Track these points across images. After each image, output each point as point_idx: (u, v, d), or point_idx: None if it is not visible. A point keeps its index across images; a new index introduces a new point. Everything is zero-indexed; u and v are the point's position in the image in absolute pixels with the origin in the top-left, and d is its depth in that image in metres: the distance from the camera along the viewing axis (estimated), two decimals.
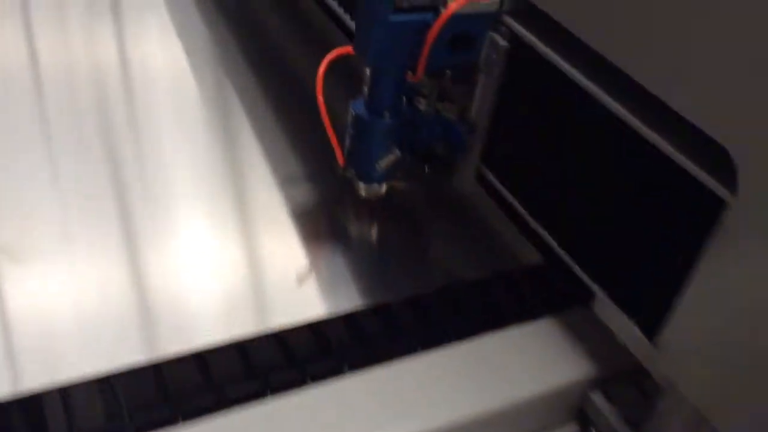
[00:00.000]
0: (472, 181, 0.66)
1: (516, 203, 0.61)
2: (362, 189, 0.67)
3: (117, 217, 0.63)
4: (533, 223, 0.59)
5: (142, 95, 0.79)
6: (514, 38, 0.56)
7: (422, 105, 0.64)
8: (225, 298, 0.58)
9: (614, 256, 0.52)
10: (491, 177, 0.63)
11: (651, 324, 0.49)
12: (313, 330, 0.57)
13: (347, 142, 0.65)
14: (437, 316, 0.60)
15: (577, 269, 0.55)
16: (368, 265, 0.63)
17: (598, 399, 0.56)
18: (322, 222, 0.67)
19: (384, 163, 0.63)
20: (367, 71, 0.64)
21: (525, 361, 0.56)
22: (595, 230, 0.53)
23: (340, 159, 0.66)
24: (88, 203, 0.64)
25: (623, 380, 0.56)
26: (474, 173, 0.65)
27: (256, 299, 0.59)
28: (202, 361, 0.53)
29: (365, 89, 0.63)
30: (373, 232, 0.68)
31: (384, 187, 0.68)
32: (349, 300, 0.59)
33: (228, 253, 0.62)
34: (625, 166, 0.49)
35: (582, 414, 0.57)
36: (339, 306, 0.58)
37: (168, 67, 0.84)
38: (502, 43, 0.56)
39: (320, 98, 0.62)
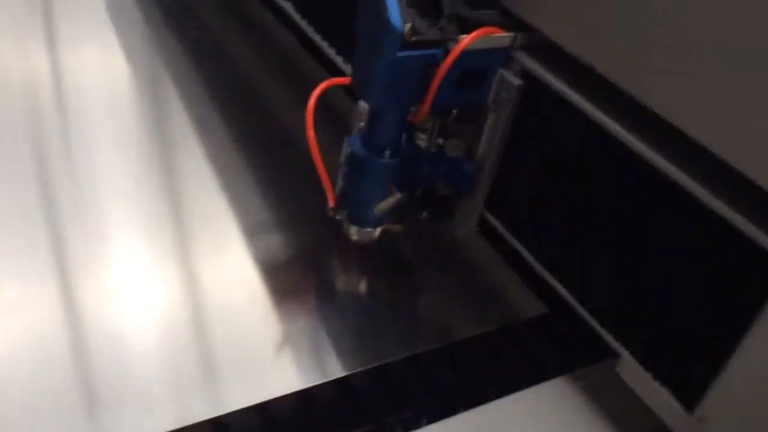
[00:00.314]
0: (474, 226, 0.61)
1: (526, 253, 0.57)
2: (354, 233, 0.62)
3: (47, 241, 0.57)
4: (545, 275, 0.55)
5: (76, 108, 0.72)
6: (526, 75, 0.52)
7: (422, 141, 0.59)
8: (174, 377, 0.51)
9: (648, 319, 0.48)
10: (496, 223, 0.59)
11: (691, 394, 0.45)
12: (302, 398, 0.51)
13: (340, 181, 0.60)
14: (439, 380, 0.55)
15: (600, 329, 0.51)
16: (359, 324, 0.57)
17: None
18: (304, 272, 0.61)
19: (383, 205, 0.58)
20: (361, 104, 0.60)
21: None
22: (626, 289, 0.49)
23: (330, 199, 0.61)
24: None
25: None
26: (477, 218, 0.60)
27: (240, 371, 0.52)
28: None
29: (360, 124, 0.59)
30: (363, 284, 0.63)
31: (378, 231, 0.62)
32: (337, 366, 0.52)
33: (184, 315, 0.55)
34: (659, 216, 0.45)
35: None
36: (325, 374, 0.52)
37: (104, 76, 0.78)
38: (515, 80, 0.52)
39: (311, 134, 0.57)
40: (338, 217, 0.62)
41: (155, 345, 0.52)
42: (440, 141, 0.59)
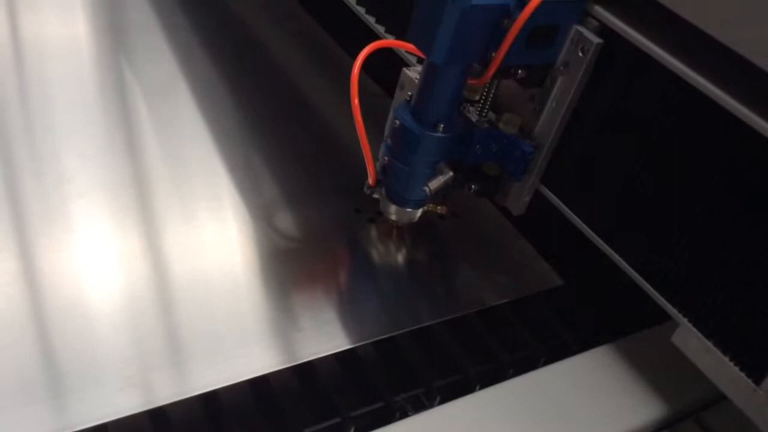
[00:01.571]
0: (526, 203, 0.55)
1: (585, 228, 0.51)
2: (393, 213, 0.56)
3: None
4: (602, 246, 0.50)
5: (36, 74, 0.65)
6: (606, 32, 0.46)
7: (472, 114, 0.53)
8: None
9: (714, 286, 0.44)
10: (551, 196, 0.53)
11: (760, 366, 0.42)
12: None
13: (383, 156, 0.53)
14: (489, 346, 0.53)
15: (660, 298, 0.48)
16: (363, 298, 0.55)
17: None
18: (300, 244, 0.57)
19: (434, 185, 0.51)
20: (408, 72, 0.54)
21: (588, 400, 0.50)
22: (694, 256, 0.45)
23: (371, 176, 0.54)
24: None
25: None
26: (532, 194, 0.54)
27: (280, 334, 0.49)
28: None
29: (408, 94, 0.52)
30: (365, 256, 0.59)
31: (420, 212, 0.56)
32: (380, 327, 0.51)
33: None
34: (754, 184, 0.41)
35: None
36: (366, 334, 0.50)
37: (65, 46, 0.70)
38: (594, 38, 0.46)
39: (355, 102, 0.50)
40: (375, 195, 0.56)
41: (122, 321, 0.48)
42: (492, 116, 0.53)
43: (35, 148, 0.58)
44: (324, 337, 0.49)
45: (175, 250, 0.53)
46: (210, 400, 0.45)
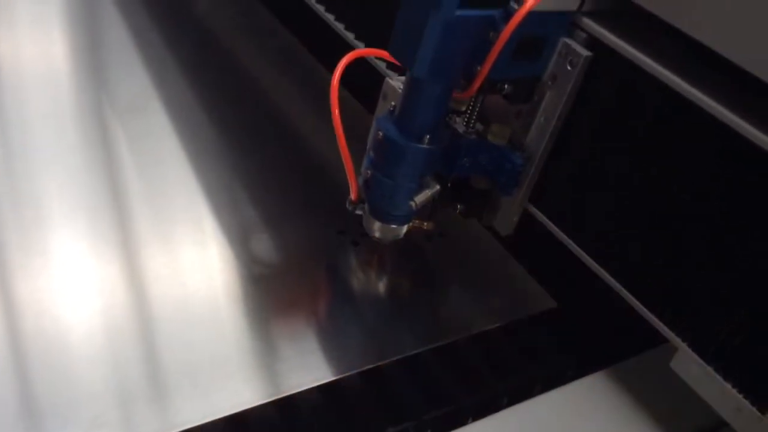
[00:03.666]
0: (514, 222, 0.54)
1: (577, 249, 0.50)
2: (377, 230, 0.54)
3: None
4: (596, 268, 0.49)
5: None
6: (595, 44, 0.45)
7: (458, 125, 0.52)
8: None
9: (715, 310, 0.42)
10: (540, 216, 0.52)
11: (765, 393, 0.40)
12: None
13: (365, 169, 0.52)
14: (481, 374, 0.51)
15: (657, 322, 0.46)
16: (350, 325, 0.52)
17: None
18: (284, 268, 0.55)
19: (420, 199, 0.50)
20: (390, 82, 0.52)
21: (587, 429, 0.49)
22: (694, 279, 0.43)
23: (353, 191, 0.53)
24: None
25: None
26: (520, 213, 0.53)
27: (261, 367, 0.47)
28: None
29: (391, 104, 0.51)
30: (351, 280, 0.57)
31: (405, 229, 0.55)
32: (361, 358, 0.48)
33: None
34: (754, 203, 0.39)
35: None
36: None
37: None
38: (583, 51, 0.45)
39: (336, 112, 0.49)
40: (358, 212, 0.54)
41: (99, 354, 0.46)
42: (479, 127, 0.52)
43: (11, 169, 0.56)
44: (305, 368, 0.47)
45: (153, 276, 0.51)
46: None
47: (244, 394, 0.45)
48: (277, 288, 0.53)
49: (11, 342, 0.44)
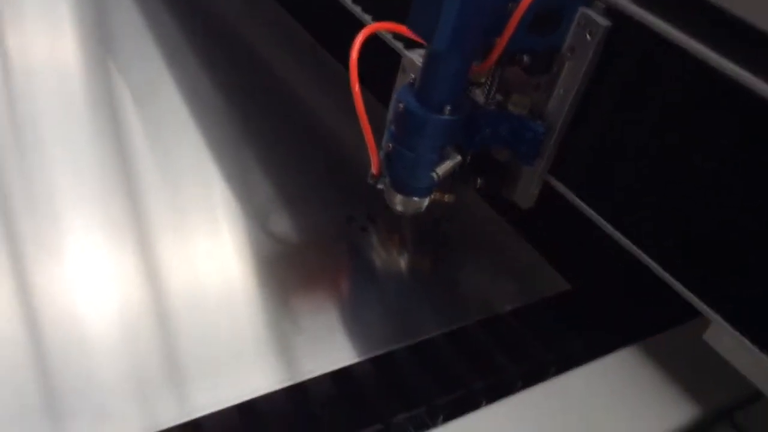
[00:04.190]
0: (535, 195, 0.54)
1: (600, 221, 0.50)
2: (399, 203, 0.55)
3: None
4: (624, 242, 0.48)
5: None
6: (614, 14, 0.45)
7: (478, 97, 0.52)
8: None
9: (751, 278, 0.42)
10: (561, 188, 0.52)
11: None
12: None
13: (386, 143, 0.52)
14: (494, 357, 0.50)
15: (689, 294, 0.45)
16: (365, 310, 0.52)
17: None
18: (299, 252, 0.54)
19: (442, 170, 0.50)
20: (410, 55, 0.53)
21: (608, 408, 0.47)
22: (727, 248, 0.43)
23: (374, 165, 0.53)
24: None
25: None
26: (540, 185, 0.53)
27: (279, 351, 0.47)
28: None
29: (410, 77, 0.51)
30: (370, 264, 0.56)
31: (426, 201, 0.55)
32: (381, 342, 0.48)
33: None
34: None
35: None
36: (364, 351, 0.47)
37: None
38: (602, 21, 0.45)
39: (356, 88, 0.49)
40: (379, 186, 0.55)
41: (118, 342, 0.46)
42: (499, 98, 0.52)
43: (25, 162, 0.56)
44: (319, 354, 0.47)
45: (169, 262, 0.51)
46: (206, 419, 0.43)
47: (261, 380, 0.45)
48: (292, 271, 0.53)
49: (29, 333, 0.45)
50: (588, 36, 0.45)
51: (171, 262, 0.51)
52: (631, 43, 0.44)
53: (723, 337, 0.45)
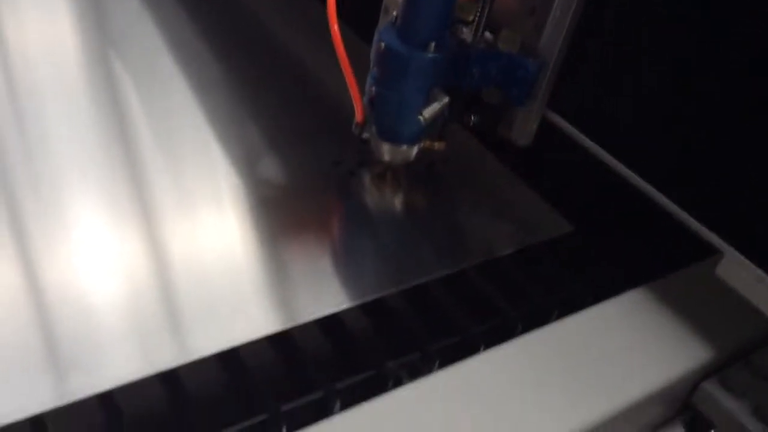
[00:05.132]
0: (533, 131, 0.50)
1: (604, 154, 0.46)
2: (386, 152, 0.51)
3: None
4: (632, 177, 0.45)
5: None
6: None
7: (466, 36, 0.48)
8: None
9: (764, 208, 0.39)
10: (561, 122, 0.48)
11: None
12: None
13: (369, 86, 0.48)
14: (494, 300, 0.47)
15: (701, 227, 0.43)
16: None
17: (713, 390, 0.43)
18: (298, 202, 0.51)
19: (429, 112, 0.46)
20: None
21: (615, 351, 0.44)
22: (736, 176, 0.40)
23: (358, 112, 0.49)
24: None
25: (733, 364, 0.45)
26: (538, 122, 0.49)
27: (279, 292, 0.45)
28: None
29: (392, 14, 0.47)
30: (365, 208, 0.53)
31: (415, 150, 0.51)
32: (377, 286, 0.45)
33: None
34: None
35: (689, 409, 0.45)
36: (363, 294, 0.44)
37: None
38: None
39: (334, 27, 0.45)
40: (365, 135, 0.51)
41: (121, 298, 0.43)
42: (488, 36, 0.48)
43: (28, 142, 0.53)
44: (304, 301, 0.44)
45: (164, 209, 0.49)
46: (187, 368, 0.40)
47: (248, 327, 0.42)
48: (284, 213, 0.50)
49: (34, 302, 0.42)
50: None
51: (166, 208, 0.49)
52: None
53: (737, 270, 0.43)
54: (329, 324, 0.43)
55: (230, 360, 0.41)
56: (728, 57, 0.38)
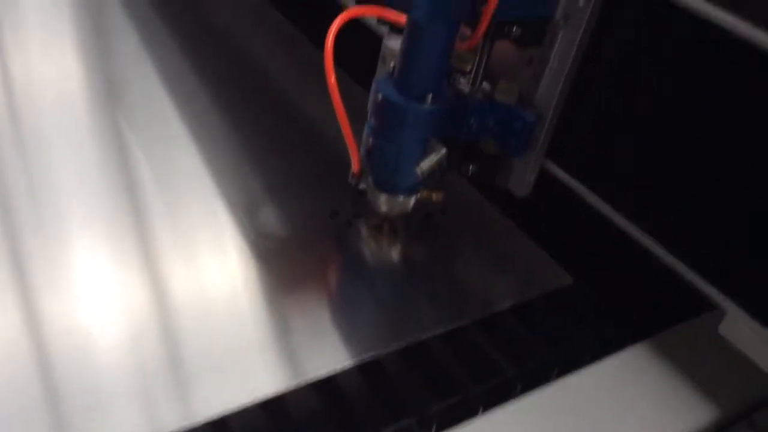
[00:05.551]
0: (531, 182, 0.49)
1: (604, 206, 0.45)
2: (383, 203, 0.50)
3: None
4: (632, 229, 0.44)
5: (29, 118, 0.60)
6: None
7: (463, 86, 0.48)
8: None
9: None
10: (561, 174, 0.47)
11: None
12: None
13: (366, 137, 0.47)
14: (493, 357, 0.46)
15: (703, 283, 0.42)
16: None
17: None
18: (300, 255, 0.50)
19: (426, 164, 0.46)
20: (390, 43, 0.48)
21: (618, 410, 0.43)
22: (743, 236, 0.39)
23: (355, 163, 0.48)
24: None
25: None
26: (537, 172, 0.48)
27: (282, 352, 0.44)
28: None
29: (390, 65, 0.47)
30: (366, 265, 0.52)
31: (413, 200, 0.50)
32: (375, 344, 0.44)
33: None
34: None
35: None
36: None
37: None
38: None
39: (331, 79, 0.44)
40: (362, 186, 0.50)
41: (125, 351, 0.43)
42: (486, 86, 0.48)
43: (32, 185, 0.53)
44: (302, 360, 0.43)
45: (165, 258, 0.49)
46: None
47: (264, 383, 0.41)
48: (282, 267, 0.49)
49: (36, 348, 0.42)
50: (582, 2, 0.41)
51: (166, 257, 0.49)
52: (630, 8, 0.40)
53: (740, 328, 0.42)
54: (325, 385, 0.42)
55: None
56: (729, 111, 0.38)
